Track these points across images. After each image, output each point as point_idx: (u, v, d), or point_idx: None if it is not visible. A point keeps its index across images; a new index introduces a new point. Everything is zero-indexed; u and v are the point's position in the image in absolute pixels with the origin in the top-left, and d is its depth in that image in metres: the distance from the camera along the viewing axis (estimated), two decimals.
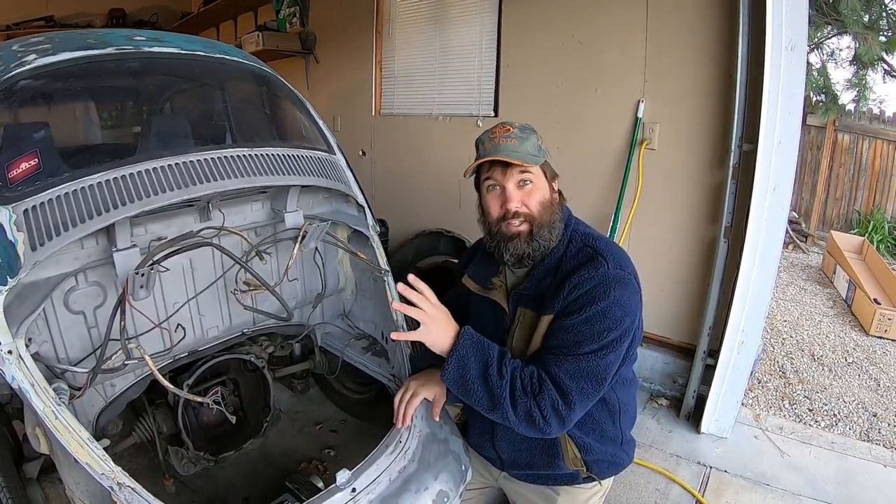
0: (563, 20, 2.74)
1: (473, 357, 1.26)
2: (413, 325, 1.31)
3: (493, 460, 1.55)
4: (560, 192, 1.45)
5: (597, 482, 1.49)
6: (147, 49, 1.64)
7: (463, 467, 1.43)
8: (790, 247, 6.28)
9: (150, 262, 1.22)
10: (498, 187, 1.35)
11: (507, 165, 1.32)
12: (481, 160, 1.35)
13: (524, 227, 1.34)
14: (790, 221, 6.42)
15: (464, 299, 1.58)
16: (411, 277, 1.29)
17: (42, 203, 1.22)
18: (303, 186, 1.66)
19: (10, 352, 1.10)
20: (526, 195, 1.34)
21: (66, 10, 5.05)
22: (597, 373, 1.24)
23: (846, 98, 5.94)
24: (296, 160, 1.54)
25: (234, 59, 1.85)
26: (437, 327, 1.29)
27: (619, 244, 2.61)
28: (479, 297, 1.49)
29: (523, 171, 1.32)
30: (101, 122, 1.87)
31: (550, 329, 1.31)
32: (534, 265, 1.39)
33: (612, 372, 1.29)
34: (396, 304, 1.36)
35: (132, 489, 1.07)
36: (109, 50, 1.56)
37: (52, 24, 4.86)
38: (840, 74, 5.83)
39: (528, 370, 1.27)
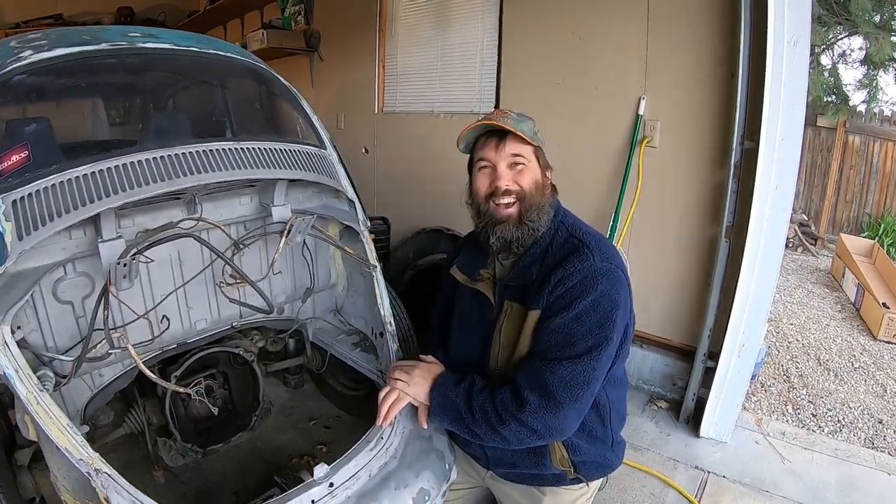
0: (563, 17, 2.72)
1: (448, 410, 1.35)
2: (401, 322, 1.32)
3: (479, 458, 1.53)
4: (553, 186, 1.43)
5: (584, 483, 1.47)
6: (141, 45, 1.65)
7: (447, 466, 1.42)
8: (799, 249, 6.21)
9: (131, 252, 1.22)
10: (489, 167, 1.34)
11: (499, 141, 1.31)
12: (476, 124, 1.35)
13: (513, 210, 1.33)
14: (800, 224, 6.34)
15: (450, 292, 1.57)
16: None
17: (30, 194, 1.23)
18: (292, 181, 1.65)
19: None
20: (517, 175, 1.33)
21: (75, 9, 5.09)
22: (591, 376, 1.23)
23: (857, 99, 5.87)
24: (282, 154, 1.54)
25: (227, 54, 1.85)
26: (414, 382, 1.42)
27: (619, 243, 2.59)
28: (466, 289, 1.48)
29: (516, 155, 1.32)
30: (93, 116, 1.89)
31: (539, 328, 1.29)
32: (520, 255, 1.38)
33: (604, 372, 1.27)
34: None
35: (108, 475, 1.07)
36: (103, 46, 1.58)
37: (60, 22, 4.90)
38: (851, 75, 5.78)
39: (500, 394, 1.28)
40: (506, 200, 1.32)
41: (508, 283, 1.37)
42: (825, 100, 5.77)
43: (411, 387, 1.41)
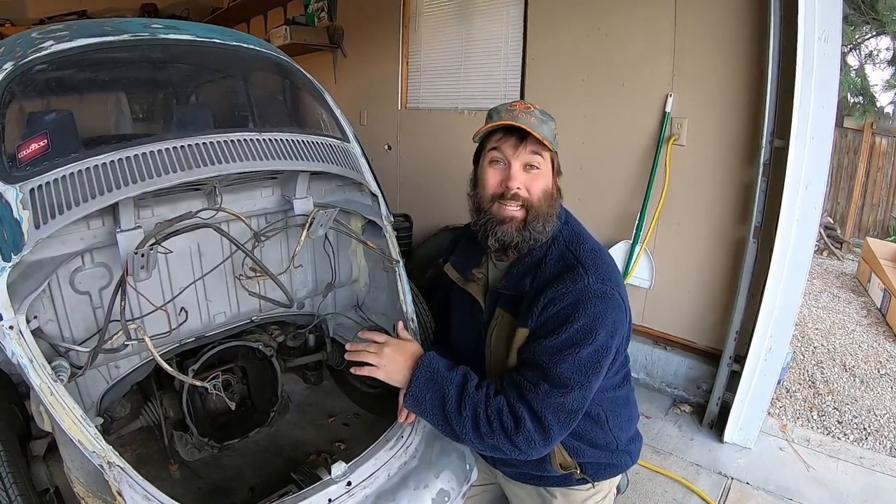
0: (588, 11, 2.68)
1: (429, 393, 1.25)
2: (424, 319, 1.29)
3: (485, 457, 1.50)
4: (559, 189, 1.36)
5: (590, 484, 1.42)
6: (162, 36, 1.63)
7: (467, 466, 1.39)
8: (825, 253, 6.10)
9: (150, 242, 1.20)
10: (503, 163, 1.27)
11: (519, 142, 1.24)
12: (497, 123, 1.26)
13: (519, 214, 1.26)
14: (825, 227, 6.23)
15: (447, 289, 1.54)
16: (360, 333, 1.43)
17: (48, 182, 1.22)
18: (314, 173, 1.63)
19: (11, 327, 1.11)
20: (530, 180, 1.27)
21: (99, 5, 5.15)
22: (581, 405, 1.19)
23: (884, 100, 5.78)
24: (304, 146, 1.51)
25: (249, 46, 1.83)
26: (387, 361, 1.32)
27: (644, 244, 2.54)
28: (459, 289, 1.44)
29: (534, 153, 1.25)
30: (114, 107, 1.88)
31: (528, 347, 1.24)
32: (514, 260, 1.32)
33: (591, 395, 1.22)
34: (349, 346, 1.40)
35: (121, 469, 1.05)
36: (125, 37, 1.56)
37: (84, 17, 4.95)
38: (878, 76, 5.69)
39: (497, 404, 1.20)
40: (513, 205, 1.26)
41: (501, 293, 1.32)
42: (852, 101, 5.66)
43: (384, 367, 1.32)
